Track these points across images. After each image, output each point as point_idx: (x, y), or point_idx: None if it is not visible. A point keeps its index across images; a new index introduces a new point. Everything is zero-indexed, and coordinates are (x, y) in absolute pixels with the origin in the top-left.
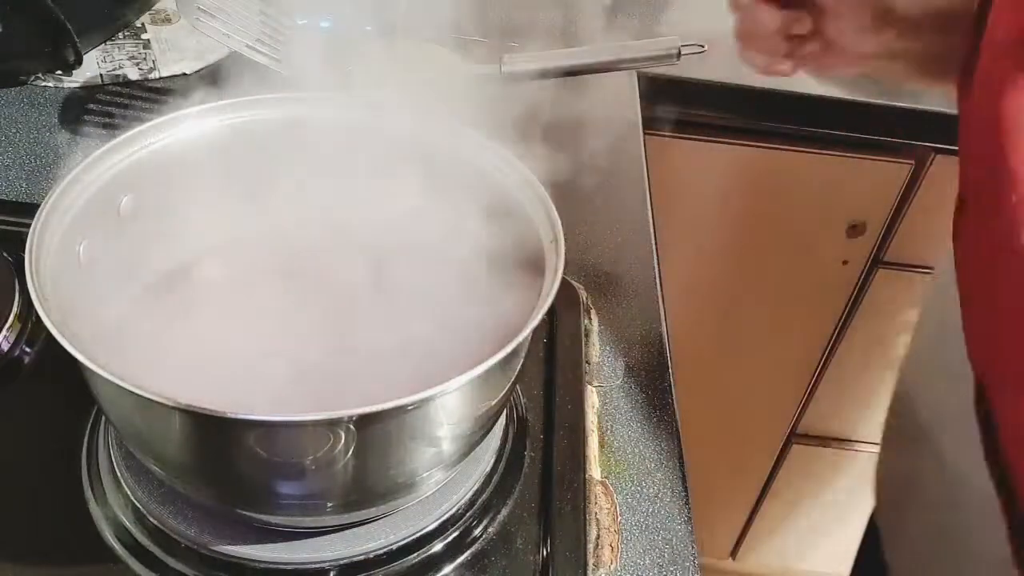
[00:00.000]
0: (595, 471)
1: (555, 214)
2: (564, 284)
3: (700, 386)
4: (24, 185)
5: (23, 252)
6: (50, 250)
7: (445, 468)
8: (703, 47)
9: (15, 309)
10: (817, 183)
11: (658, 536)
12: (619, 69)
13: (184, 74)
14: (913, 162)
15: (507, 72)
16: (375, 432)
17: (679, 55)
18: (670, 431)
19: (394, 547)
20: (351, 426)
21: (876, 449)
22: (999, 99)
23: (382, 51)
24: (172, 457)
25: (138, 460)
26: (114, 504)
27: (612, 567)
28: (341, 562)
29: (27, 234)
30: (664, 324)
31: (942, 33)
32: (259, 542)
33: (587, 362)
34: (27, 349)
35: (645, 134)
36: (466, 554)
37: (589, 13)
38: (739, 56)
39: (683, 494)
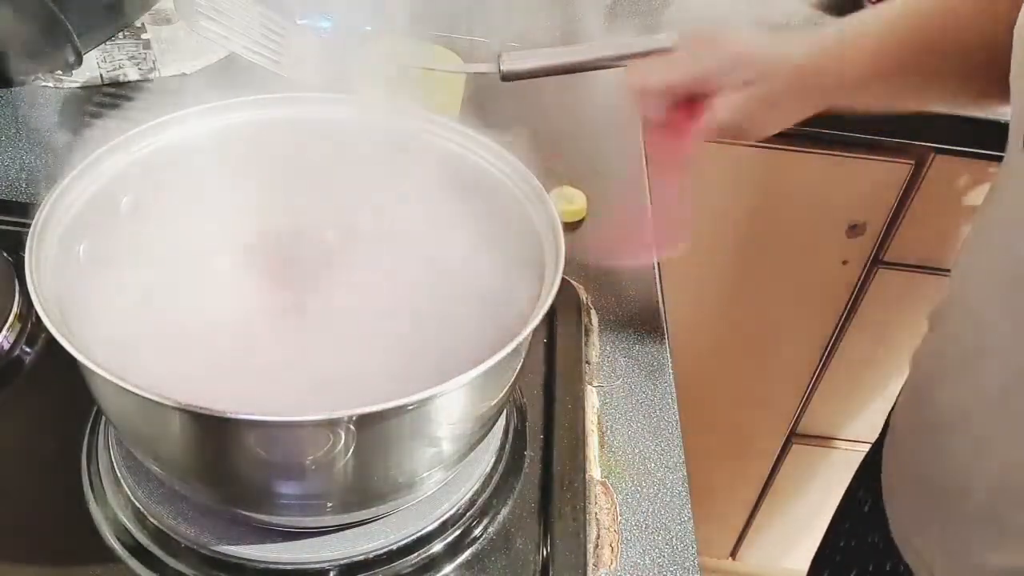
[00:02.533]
0: (595, 471)
1: (555, 214)
2: (564, 284)
3: (700, 386)
4: (24, 185)
5: (23, 252)
6: (50, 250)
7: (445, 468)
8: None
9: (15, 309)
10: (817, 183)
11: (658, 536)
12: (618, 66)
13: (184, 74)
14: (913, 162)
15: (507, 71)
16: (375, 432)
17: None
18: (670, 431)
19: (394, 547)
20: (351, 426)
21: None
22: None
23: (382, 51)
24: (172, 457)
25: (138, 460)
26: (114, 504)
27: (612, 567)
28: (341, 562)
29: (27, 234)
30: (664, 324)
31: None
32: (259, 542)
33: (587, 362)
34: (27, 349)
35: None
36: (466, 554)
37: (589, 12)
38: None
39: (683, 494)
